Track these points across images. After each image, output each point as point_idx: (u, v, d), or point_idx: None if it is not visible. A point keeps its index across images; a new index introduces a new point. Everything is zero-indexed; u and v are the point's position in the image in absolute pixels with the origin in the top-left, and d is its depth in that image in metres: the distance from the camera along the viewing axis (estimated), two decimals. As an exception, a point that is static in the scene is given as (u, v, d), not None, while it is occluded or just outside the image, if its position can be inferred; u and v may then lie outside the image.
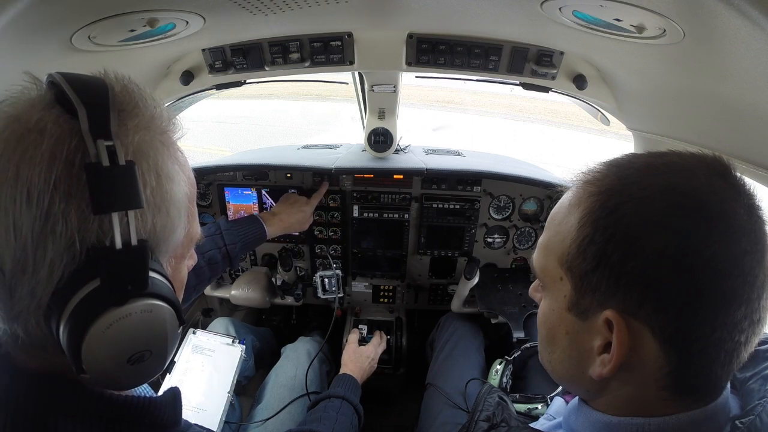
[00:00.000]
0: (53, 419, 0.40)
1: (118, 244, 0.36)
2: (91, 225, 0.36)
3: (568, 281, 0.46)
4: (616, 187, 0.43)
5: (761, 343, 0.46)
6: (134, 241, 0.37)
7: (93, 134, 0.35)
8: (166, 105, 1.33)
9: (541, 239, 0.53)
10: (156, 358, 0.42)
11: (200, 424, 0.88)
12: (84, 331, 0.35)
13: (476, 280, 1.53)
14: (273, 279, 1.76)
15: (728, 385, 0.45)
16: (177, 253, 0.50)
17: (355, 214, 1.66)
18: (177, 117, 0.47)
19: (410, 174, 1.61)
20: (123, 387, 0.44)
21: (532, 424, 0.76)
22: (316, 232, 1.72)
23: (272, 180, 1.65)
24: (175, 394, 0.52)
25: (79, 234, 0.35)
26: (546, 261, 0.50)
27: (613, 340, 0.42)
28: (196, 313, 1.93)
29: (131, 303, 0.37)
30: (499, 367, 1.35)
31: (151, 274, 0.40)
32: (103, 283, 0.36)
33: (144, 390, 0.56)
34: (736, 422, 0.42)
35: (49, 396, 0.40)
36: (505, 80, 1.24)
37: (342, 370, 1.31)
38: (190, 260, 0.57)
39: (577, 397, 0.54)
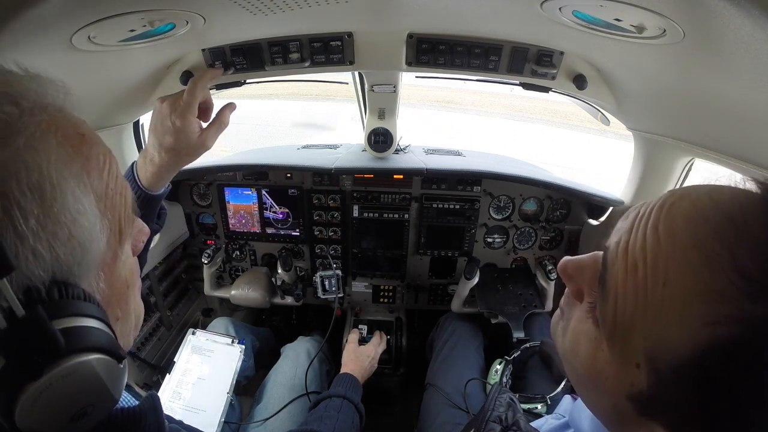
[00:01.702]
0: None
1: (1, 323, 0.31)
2: None
3: (646, 379, 0.36)
4: None
5: None
6: (20, 312, 0.31)
7: None
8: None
9: (627, 283, 0.37)
10: (101, 406, 0.38)
11: (200, 424, 0.88)
12: (10, 411, 0.31)
13: (476, 280, 1.53)
14: (273, 279, 1.76)
15: None
16: (106, 260, 0.41)
17: (355, 214, 1.66)
18: (68, 95, 0.39)
19: (410, 174, 1.61)
20: None
21: (540, 420, 0.76)
22: (316, 233, 1.72)
23: (272, 180, 1.65)
24: (154, 401, 0.51)
25: None
26: (627, 329, 0.37)
27: None
28: (196, 313, 1.93)
29: (48, 372, 0.32)
30: (498, 367, 1.35)
31: (65, 323, 0.34)
32: (7, 362, 0.31)
33: (126, 400, 0.54)
34: None
35: None
36: (505, 80, 1.24)
37: (342, 370, 1.31)
38: (136, 240, 0.49)
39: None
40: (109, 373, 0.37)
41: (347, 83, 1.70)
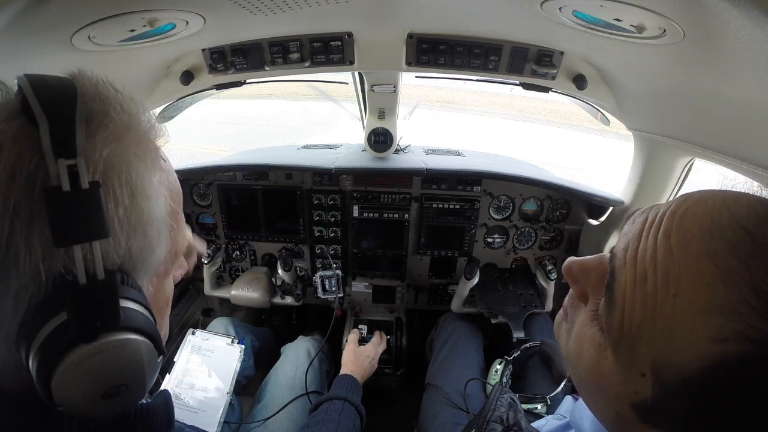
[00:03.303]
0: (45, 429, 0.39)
1: (82, 279, 0.33)
2: (57, 253, 0.33)
3: (650, 388, 0.35)
4: None
5: None
6: (101, 275, 0.34)
7: (55, 151, 0.32)
8: (166, 105, 1.33)
9: (636, 291, 0.36)
10: (133, 391, 0.39)
11: (200, 424, 0.88)
12: (52, 368, 0.33)
13: (476, 280, 1.53)
14: (273, 279, 1.76)
15: None
16: (159, 271, 0.45)
17: (355, 214, 1.66)
18: (158, 123, 0.44)
19: (410, 174, 1.61)
20: (99, 419, 0.41)
21: (541, 420, 0.76)
22: (316, 233, 1.72)
23: (272, 180, 1.65)
24: (166, 398, 0.51)
25: (44, 263, 0.33)
26: (633, 337, 0.36)
27: None
28: (196, 313, 1.93)
29: (101, 339, 0.34)
30: (498, 366, 1.35)
31: (126, 303, 0.37)
32: (69, 317, 0.33)
33: None
34: None
35: (38, 415, 0.39)
36: (505, 80, 1.24)
37: (342, 371, 1.30)
38: (179, 270, 0.54)
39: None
40: (150, 360, 0.39)
41: (347, 83, 1.70)
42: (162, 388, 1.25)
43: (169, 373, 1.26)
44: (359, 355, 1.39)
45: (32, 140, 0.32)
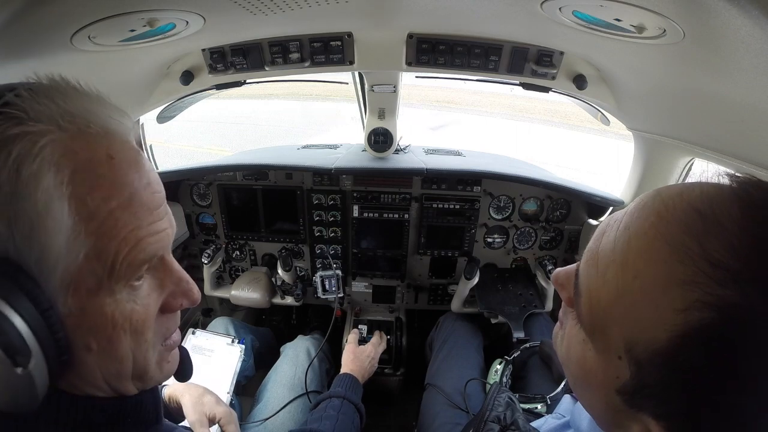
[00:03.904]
0: (36, 427, 0.40)
1: None
2: None
3: (628, 369, 0.37)
4: (760, 328, 0.31)
5: None
6: None
7: None
8: (166, 105, 1.33)
9: (599, 280, 0.39)
10: None
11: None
12: None
13: (476, 280, 1.53)
14: (273, 279, 1.76)
15: None
16: (82, 282, 0.39)
17: (355, 214, 1.66)
18: (136, 130, 0.43)
19: (410, 174, 1.61)
20: None
21: (540, 420, 0.76)
22: (316, 233, 1.72)
23: (272, 180, 1.65)
24: (154, 390, 0.52)
25: None
26: (604, 322, 0.39)
27: None
28: (196, 313, 1.93)
29: None
30: (498, 366, 1.35)
31: None
32: None
33: None
34: None
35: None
36: (505, 80, 1.24)
37: (342, 370, 1.31)
38: (180, 298, 0.48)
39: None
40: None
41: (347, 83, 1.70)
42: (162, 387, 1.25)
43: (169, 373, 1.26)
44: (359, 355, 1.39)
45: None
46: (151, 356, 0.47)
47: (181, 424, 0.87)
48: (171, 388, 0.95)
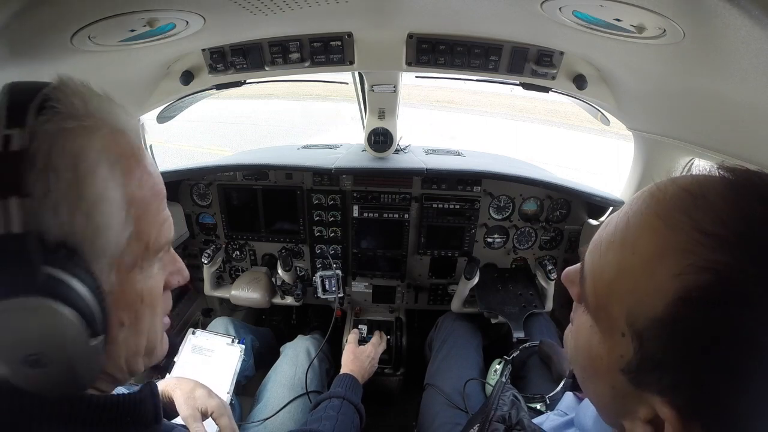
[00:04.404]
0: (35, 425, 0.40)
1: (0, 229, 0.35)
2: None
3: (632, 346, 0.38)
4: (749, 285, 0.32)
5: None
6: (17, 230, 0.35)
7: (8, 125, 0.36)
8: (166, 105, 1.33)
9: (601, 261, 0.42)
10: (56, 367, 0.39)
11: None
12: None
13: (476, 280, 1.53)
14: (273, 279, 1.76)
15: None
16: (123, 260, 0.44)
17: (355, 214, 1.66)
18: (142, 131, 0.46)
19: (410, 174, 1.61)
20: (43, 391, 0.41)
21: (542, 417, 0.76)
22: (316, 233, 1.72)
23: (272, 180, 1.65)
24: (152, 388, 0.52)
25: None
26: (607, 300, 0.40)
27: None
28: (196, 313, 1.93)
29: (13, 297, 0.35)
30: (498, 366, 1.35)
31: (56, 273, 0.37)
32: None
33: (123, 390, 0.56)
34: None
35: (26, 402, 0.40)
36: (505, 80, 1.24)
37: (342, 371, 1.31)
38: (176, 276, 0.54)
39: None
40: (75, 336, 0.38)
41: (347, 83, 1.70)
42: (162, 388, 1.25)
43: (170, 373, 1.26)
44: (359, 355, 1.39)
45: None
46: (159, 330, 0.52)
47: (174, 420, 0.87)
48: (163, 383, 0.95)
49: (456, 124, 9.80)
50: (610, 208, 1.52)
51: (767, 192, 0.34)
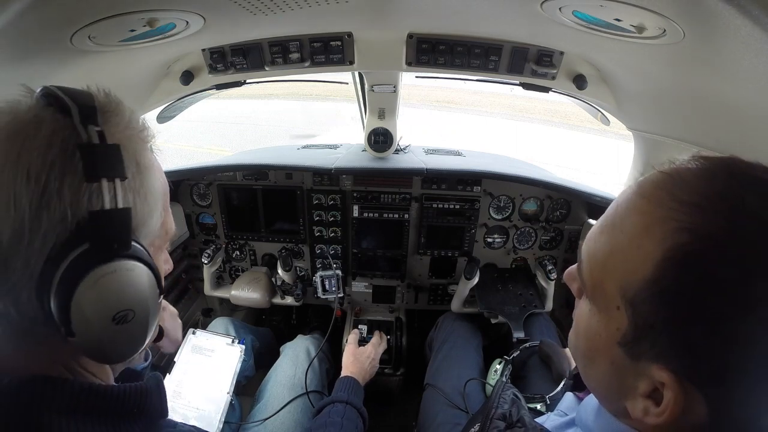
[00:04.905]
0: (45, 416, 0.40)
1: (107, 205, 0.40)
2: (81, 199, 0.40)
3: (626, 317, 0.40)
4: (722, 237, 0.35)
5: None
6: (120, 205, 0.42)
7: (83, 123, 0.41)
8: (166, 105, 1.34)
9: (595, 245, 0.46)
10: (139, 320, 0.45)
11: (200, 423, 0.88)
12: (74, 287, 0.39)
13: (476, 280, 1.53)
14: (273, 279, 1.76)
15: None
16: (154, 242, 0.52)
17: (355, 214, 1.66)
18: (149, 126, 0.53)
19: (410, 174, 1.61)
20: (110, 353, 0.45)
21: (542, 417, 0.76)
22: (316, 233, 1.72)
23: (272, 180, 1.65)
24: (158, 380, 0.53)
25: (71, 207, 0.39)
26: (601, 278, 0.44)
27: (666, 401, 0.38)
28: (196, 313, 1.93)
29: (116, 261, 0.41)
30: (498, 366, 1.35)
31: (134, 243, 0.44)
32: (91, 245, 0.40)
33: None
34: None
35: (37, 393, 0.41)
36: (505, 80, 1.24)
37: (343, 372, 1.30)
38: (167, 264, 0.60)
39: (596, 401, 0.52)
40: (153, 291, 0.46)
41: (347, 83, 1.70)
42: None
43: (170, 373, 1.26)
44: (359, 356, 1.39)
45: (63, 120, 0.41)
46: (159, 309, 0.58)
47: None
48: None
49: (456, 124, 9.80)
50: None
51: (735, 168, 0.39)
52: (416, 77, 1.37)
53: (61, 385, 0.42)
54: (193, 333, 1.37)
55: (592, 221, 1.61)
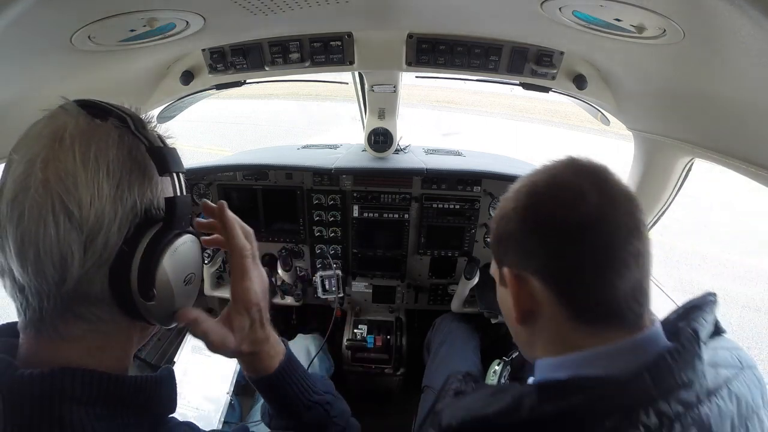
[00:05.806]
0: (59, 405, 0.42)
1: (178, 193, 0.49)
2: (146, 193, 0.48)
3: (496, 260, 0.62)
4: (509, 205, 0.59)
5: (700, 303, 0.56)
6: (185, 192, 0.51)
7: (140, 132, 0.47)
8: (166, 105, 1.34)
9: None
10: (196, 280, 0.55)
11: (200, 423, 0.88)
12: (160, 256, 0.47)
13: (476, 280, 1.53)
14: (273, 279, 1.76)
15: (658, 325, 0.52)
16: None
17: (355, 214, 1.66)
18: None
19: (410, 174, 1.61)
20: (174, 312, 0.53)
21: None
22: (316, 233, 1.72)
23: (272, 180, 1.65)
24: (170, 371, 0.56)
25: (139, 199, 0.47)
26: (495, 252, 0.64)
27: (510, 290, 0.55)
28: (196, 313, 1.92)
29: (185, 235, 0.51)
30: (497, 367, 1.35)
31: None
32: (165, 225, 0.48)
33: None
34: (664, 350, 0.47)
35: (53, 382, 0.42)
36: (505, 80, 1.24)
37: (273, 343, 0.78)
38: None
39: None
40: (202, 262, 0.58)
41: (347, 83, 1.70)
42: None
43: (169, 373, 1.26)
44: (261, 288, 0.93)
45: (120, 129, 0.47)
46: None
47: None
48: None
49: (455, 123, 9.79)
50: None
51: (543, 166, 0.63)
52: (416, 77, 1.37)
53: (76, 375, 0.44)
54: (193, 333, 1.37)
55: (592, 221, 1.61)
